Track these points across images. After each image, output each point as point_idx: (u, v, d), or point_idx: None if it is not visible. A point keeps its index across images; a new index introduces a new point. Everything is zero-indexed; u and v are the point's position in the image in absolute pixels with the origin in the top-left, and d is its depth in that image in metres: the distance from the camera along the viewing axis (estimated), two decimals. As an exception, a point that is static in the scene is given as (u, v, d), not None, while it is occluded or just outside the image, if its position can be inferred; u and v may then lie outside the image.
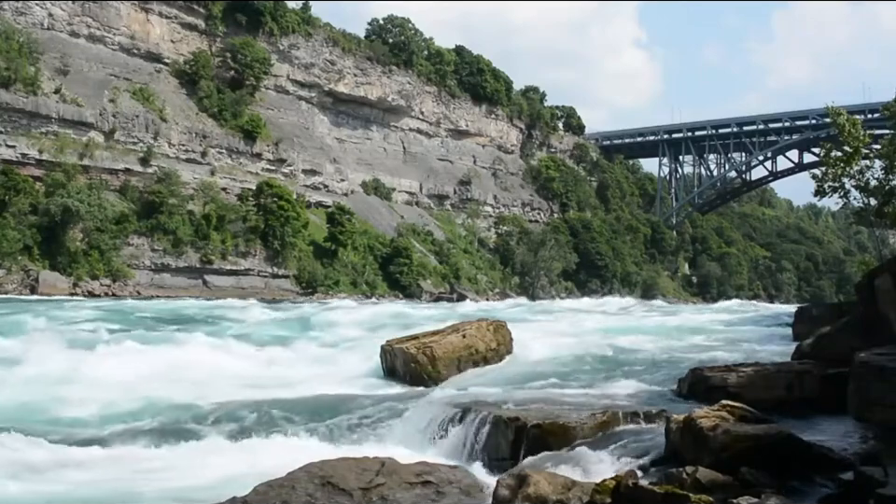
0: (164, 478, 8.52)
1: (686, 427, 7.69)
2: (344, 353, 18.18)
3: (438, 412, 10.36)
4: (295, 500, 6.99)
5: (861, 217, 26.22)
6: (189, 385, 13.52)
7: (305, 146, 77.12)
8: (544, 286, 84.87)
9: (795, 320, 21.77)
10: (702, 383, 11.25)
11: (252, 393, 13.07)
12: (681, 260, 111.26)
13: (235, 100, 69.73)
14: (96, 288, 51.07)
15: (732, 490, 6.27)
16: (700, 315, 39.78)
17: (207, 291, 57.09)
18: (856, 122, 23.30)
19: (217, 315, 30.75)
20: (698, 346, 19.43)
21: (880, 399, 8.13)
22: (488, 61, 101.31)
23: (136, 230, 56.70)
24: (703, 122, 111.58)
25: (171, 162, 62.00)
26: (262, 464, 8.47)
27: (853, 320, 12.41)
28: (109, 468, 8.96)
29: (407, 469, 7.67)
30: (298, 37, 78.71)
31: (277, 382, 14.16)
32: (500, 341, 16.20)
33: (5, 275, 47.83)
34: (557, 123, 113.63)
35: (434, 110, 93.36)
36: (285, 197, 65.15)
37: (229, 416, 11.30)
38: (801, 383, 10.65)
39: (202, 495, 7.73)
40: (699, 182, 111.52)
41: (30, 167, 53.33)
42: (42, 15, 60.03)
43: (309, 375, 14.97)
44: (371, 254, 73.15)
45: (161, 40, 68.38)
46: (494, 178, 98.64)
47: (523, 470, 7.11)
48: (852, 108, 35.62)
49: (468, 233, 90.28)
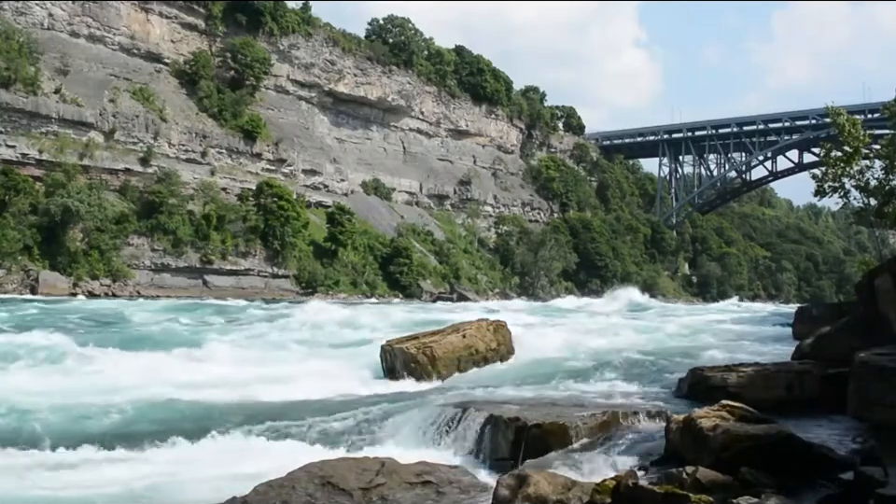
0: (164, 478, 8.52)
1: (686, 427, 7.69)
2: (344, 353, 18.19)
3: (438, 412, 10.36)
4: (295, 500, 6.99)
5: (861, 217, 26.25)
6: (185, 385, 13.51)
7: (305, 146, 77.12)
8: (544, 286, 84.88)
9: (795, 320, 21.79)
10: (702, 383, 11.26)
11: (252, 393, 13.07)
12: (681, 260, 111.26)
13: (235, 100, 69.72)
14: (96, 288, 51.06)
15: (732, 490, 6.27)
16: (700, 315, 39.82)
17: (207, 291, 57.07)
18: (856, 122, 23.34)
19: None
20: (698, 346, 19.44)
21: (880, 399, 8.14)
22: (488, 61, 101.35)
23: (136, 230, 56.68)
24: (703, 122, 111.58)
25: (171, 162, 61.99)
26: (262, 464, 8.47)
27: (853, 320, 12.42)
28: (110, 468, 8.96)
29: (407, 468, 7.67)
30: (298, 37, 78.71)
31: (277, 382, 14.15)
32: (500, 341, 16.21)
33: (5, 275, 47.81)
34: (557, 123, 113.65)
35: (434, 110, 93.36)
36: (285, 197, 65.15)
37: (228, 416, 11.29)
38: (801, 383, 10.67)
39: (202, 495, 7.73)
40: (699, 182, 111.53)
41: (30, 167, 53.31)
42: (42, 15, 60.02)
43: (309, 375, 14.95)
44: (370, 254, 73.14)
45: (160, 40, 68.37)
46: (494, 178, 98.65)
47: (523, 470, 7.10)
48: (852, 108, 35.70)
49: (468, 233, 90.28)
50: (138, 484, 8.30)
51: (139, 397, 12.28)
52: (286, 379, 14.40)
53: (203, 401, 12.32)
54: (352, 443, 9.92)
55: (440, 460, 8.64)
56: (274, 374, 15.16)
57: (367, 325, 25.37)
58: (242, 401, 12.42)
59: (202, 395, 12.74)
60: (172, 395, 12.52)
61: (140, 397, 12.28)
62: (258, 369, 15.86)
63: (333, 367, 15.98)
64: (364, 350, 17.11)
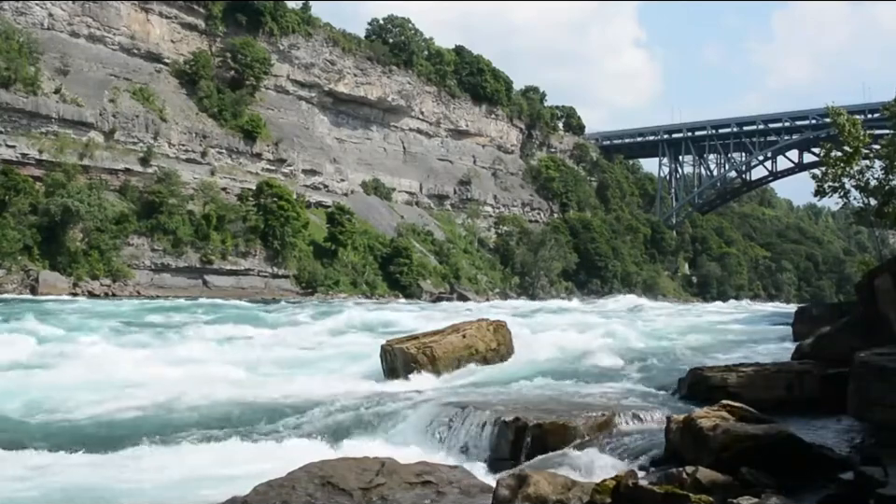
0: (164, 478, 8.52)
1: (686, 427, 7.69)
2: (344, 353, 18.18)
3: (438, 412, 10.36)
4: (295, 500, 6.99)
5: (861, 217, 26.26)
6: (183, 385, 13.52)
7: (305, 146, 77.11)
8: (544, 286, 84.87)
9: (795, 320, 21.78)
10: (702, 383, 11.26)
11: (252, 393, 13.07)
12: (681, 260, 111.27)
13: (235, 100, 69.71)
14: (96, 288, 51.04)
15: (732, 490, 6.27)
16: (700, 315, 39.83)
17: (207, 291, 57.02)
18: (856, 122, 23.35)
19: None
20: (698, 346, 19.45)
21: (880, 399, 8.13)
22: (488, 61, 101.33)
23: (136, 230, 56.67)
24: (703, 122, 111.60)
25: (171, 162, 61.97)
26: (262, 464, 8.46)
27: (853, 320, 12.41)
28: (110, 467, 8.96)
29: (407, 469, 7.66)
30: (298, 37, 78.69)
31: (276, 382, 14.15)
32: (500, 341, 16.19)
33: (5, 275, 47.79)
34: (557, 123, 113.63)
35: (434, 110, 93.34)
36: (285, 197, 65.13)
37: (228, 417, 11.30)
38: (801, 383, 10.66)
39: (202, 494, 7.72)
40: (699, 182, 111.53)
41: (30, 167, 53.28)
42: (42, 15, 60.00)
43: (309, 375, 14.95)
44: (371, 254, 73.12)
45: (160, 40, 68.36)
46: (494, 178, 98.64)
47: (523, 470, 7.10)
48: (852, 108, 35.72)
49: (468, 233, 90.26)
50: (133, 482, 8.29)
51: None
52: (285, 378, 14.41)
53: (201, 401, 12.33)
54: (352, 443, 9.92)
55: (440, 460, 8.64)
56: (274, 374, 15.17)
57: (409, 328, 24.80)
58: (242, 400, 12.43)
59: (201, 394, 12.76)
60: (170, 395, 12.53)
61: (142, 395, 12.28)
62: (258, 369, 15.87)
63: (333, 367, 15.98)
64: (365, 350, 17.10)
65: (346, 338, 22.34)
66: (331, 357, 17.64)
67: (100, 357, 16.39)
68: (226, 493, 7.22)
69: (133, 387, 13.17)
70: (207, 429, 10.37)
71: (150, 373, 14.55)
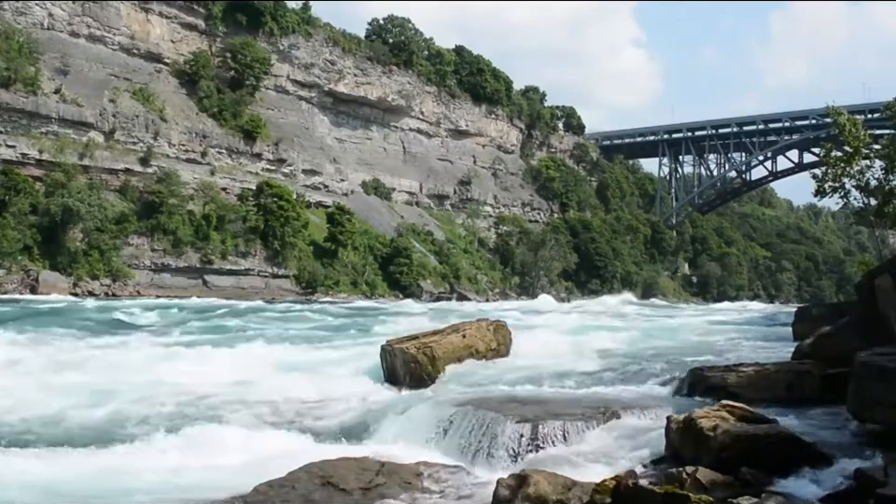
0: (163, 477, 8.52)
1: (686, 427, 7.69)
2: (344, 353, 18.16)
3: (438, 411, 10.36)
4: (295, 500, 6.99)
5: (861, 217, 26.29)
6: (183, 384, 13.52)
7: (305, 146, 77.11)
8: (544, 286, 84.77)
9: (795, 320, 21.71)
10: (702, 383, 11.26)
11: (252, 393, 13.07)
12: (681, 260, 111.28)
13: (235, 100, 69.70)
14: (96, 288, 51.05)
15: (732, 490, 6.27)
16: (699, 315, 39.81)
17: (207, 291, 57.04)
18: (856, 122, 23.38)
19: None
20: (698, 346, 19.43)
21: (880, 399, 8.12)
22: (488, 61, 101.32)
23: (136, 230, 56.68)
24: (703, 122, 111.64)
25: (171, 162, 61.97)
26: (263, 464, 8.47)
27: (853, 320, 12.38)
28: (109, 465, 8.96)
29: (407, 469, 7.67)
30: (298, 37, 78.68)
31: (276, 381, 14.14)
32: (500, 341, 16.19)
33: (5, 275, 47.79)
34: (557, 123, 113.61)
35: (434, 110, 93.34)
36: (285, 197, 65.13)
37: (228, 417, 11.30)
38: (801, 383, 10.67)
39: (202, 494, 7.72)
40: (699, 182, 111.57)
41: (30, 167, 53.28)
42: (42, 15, 59.99)
43: (309, 375, 14.93)
44: (370, 254, 73.12)
45: (161, 40, 68.36)
46: (494, 178, 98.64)
47: (523, 470, 7.11)
48: (852, 108, 35.71)
49: (468, 233, 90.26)
50: (134, 481, 8.29)
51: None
52: (284, 378, 14.40)
53: (201, 401, 12.34)
54: (352, 443, 9.92)
55: (439, 460, 8.65)
56: (273, 374, 15.16)
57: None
58: (241, 399, 12.43)
59: (201, 394, 12.77)
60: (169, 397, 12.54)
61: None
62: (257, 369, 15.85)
63: (334, 366, 15.97)
64: (366, 350, 17.08)
65: (347, 337, 22.34)
66: (332, 357, 17.62)
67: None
68: (226, 492, 7.23)
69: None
70: (206, 430, 10.35)
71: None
